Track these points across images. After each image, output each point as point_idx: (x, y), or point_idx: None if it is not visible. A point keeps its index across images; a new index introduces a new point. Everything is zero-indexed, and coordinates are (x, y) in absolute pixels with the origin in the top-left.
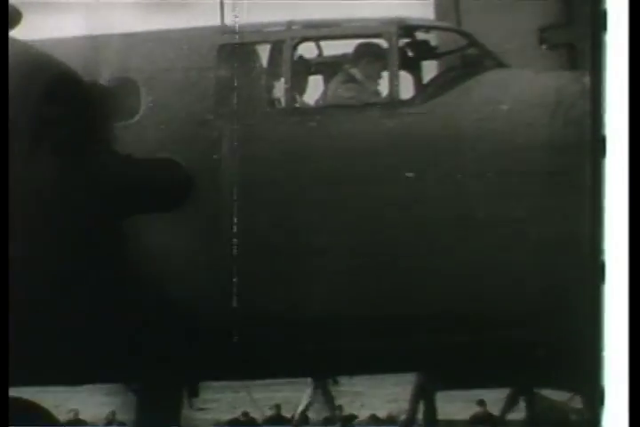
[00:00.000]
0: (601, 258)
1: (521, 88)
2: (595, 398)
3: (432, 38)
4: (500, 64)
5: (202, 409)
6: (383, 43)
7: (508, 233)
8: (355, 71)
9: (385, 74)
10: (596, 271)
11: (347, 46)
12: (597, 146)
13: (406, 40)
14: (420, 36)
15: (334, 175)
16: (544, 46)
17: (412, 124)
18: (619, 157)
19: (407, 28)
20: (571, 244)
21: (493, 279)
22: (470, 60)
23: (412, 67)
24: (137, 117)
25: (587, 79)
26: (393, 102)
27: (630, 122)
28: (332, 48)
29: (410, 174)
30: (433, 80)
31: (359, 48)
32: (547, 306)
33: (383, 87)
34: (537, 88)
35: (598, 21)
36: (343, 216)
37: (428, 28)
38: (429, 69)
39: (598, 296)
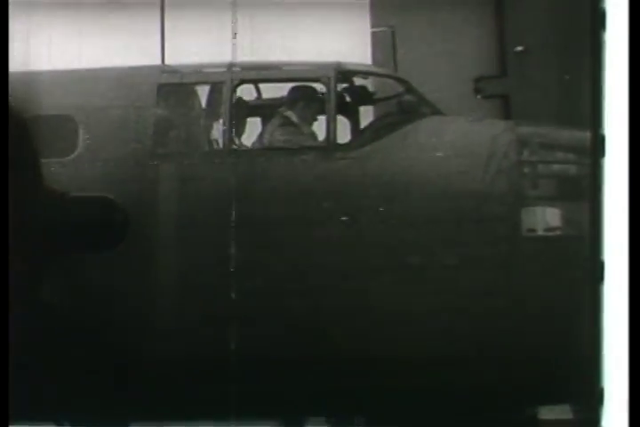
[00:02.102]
0: (600, 257)
1: (455, 136)
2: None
3: (369, 84)
4: (436, 112)
5: None
6: (321, 86)
7: (440, 280)
8: (290, 113)
9: (321, 117)
10: (595, 271)
11: (286, 89)
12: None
13: (344, 85)
14: (358, 81)
15: (269, 217)
16: (479, 96)
17: (347, 168)
18: (619, 156)
19: (345, 73)
20: (502, 291)
21: (425, 325)
22: (406, 107)
23: (350, 111)
24: (74, 155)
25: (520, 129)
26: (329, 146)
27: (630, 122)
28: (272, 91)
29: (344, 218)
30: (370, 125)
31: (293, 91)
32: (475, 351)
33: (320, 131)
34: (471, 136)
35: (598, 21)
36: (276, 258)
37: (366, 74)
38: (366, 115)
39: (597, 296)
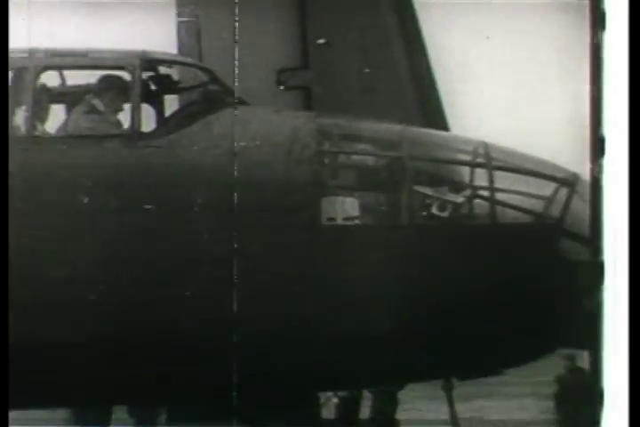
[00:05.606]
0: (600, 258)
1: (258, 126)
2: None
3: (174, 73)
4: (240, 101)
5: None
6: (126, 75)
7: (244, 267)
8: (97, 102)
9: (127, 106)
10: (595, 271)
11: (91, 77)
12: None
13: (149, 73)
14: (163, 70)
15: (74, 205)
16: (281, 87)
17: (152, 156)
18: (618, 157)
19: (150, 62)
20: (305, 277)
21: (223, 313)
22: (211, 96)
23: (154, 100)
24: None
25: (320, 120)
26: (134, 134)
27: (630, 122)
28: (77, 78)
29: (148, 206)
30: (174, 114)
31: (102, 80)
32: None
33: (125, 119)
34: (274, 127)
35: (598, 21)
36: (82, 246)
37: (170, 63)
38: (171, 103)
39: (598, 296)
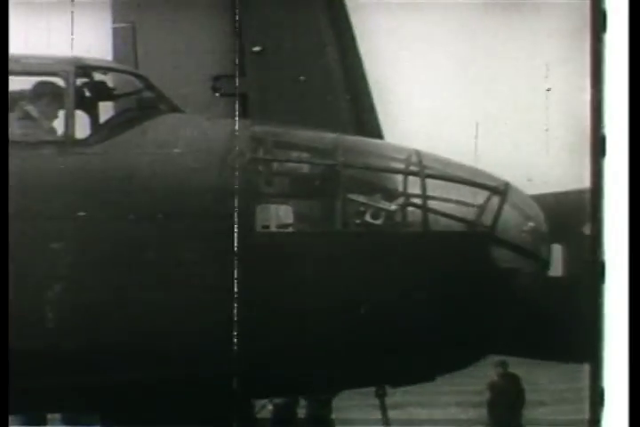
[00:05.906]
0: (601, 258)
1: (193, 133)
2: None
3: (109, 79)
4: (175, 108)
5: None
6: (60, 81)
7: (178, 274)
8: (31, 108)
9: (62, 112)
10: (596, 271)
11: (24, 83)
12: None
13: (84, 80)
14: (98, 76)
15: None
16: (217, 94)
17: (86, 163)
18: (619, 156)
19: (85, 68)
20: (239, 284)
21: (164, 318)
22: (146, 103)
23: (89, 107)
24: None
25: (255, 127)
26: (68, 141)
27: (630, 122)
28: (11, 84)
29: (82, 213)
30: (109, 121)
31: (37, 86)
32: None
33: (59, 126)
34: (208, 134)
35: (598, 21)
36: (12, 253)
37: (105, 70)
38: (106, 110)
39: (599, 296)
